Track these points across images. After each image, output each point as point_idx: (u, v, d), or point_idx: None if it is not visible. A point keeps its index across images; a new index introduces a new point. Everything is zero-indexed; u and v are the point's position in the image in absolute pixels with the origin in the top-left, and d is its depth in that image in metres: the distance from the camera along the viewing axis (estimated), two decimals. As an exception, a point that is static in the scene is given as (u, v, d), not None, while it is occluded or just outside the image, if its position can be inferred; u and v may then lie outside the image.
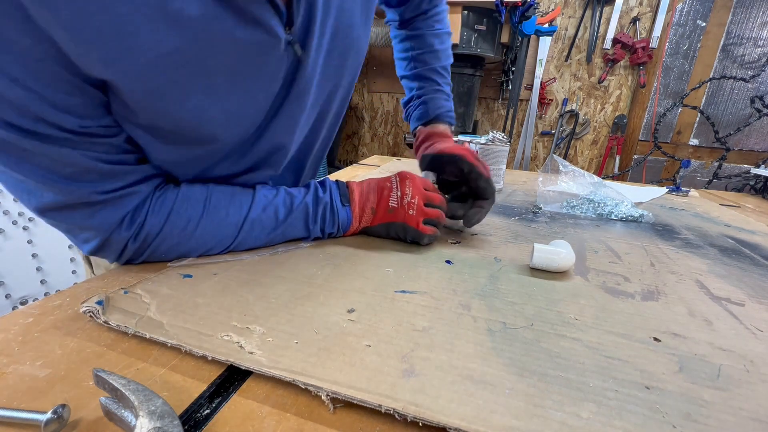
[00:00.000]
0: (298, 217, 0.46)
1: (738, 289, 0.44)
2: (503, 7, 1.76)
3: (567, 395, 0.25)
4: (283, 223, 0.45)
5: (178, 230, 0.40)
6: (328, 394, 0.24)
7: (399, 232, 0.49)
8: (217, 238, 0.42)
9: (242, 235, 0.43)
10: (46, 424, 0.21)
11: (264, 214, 0.44)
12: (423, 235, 0.48)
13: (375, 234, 0.51)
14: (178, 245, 0.41)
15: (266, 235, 0.45)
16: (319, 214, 0.47)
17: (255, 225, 0.44)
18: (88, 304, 0.31)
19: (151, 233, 0.39)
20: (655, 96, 2.11)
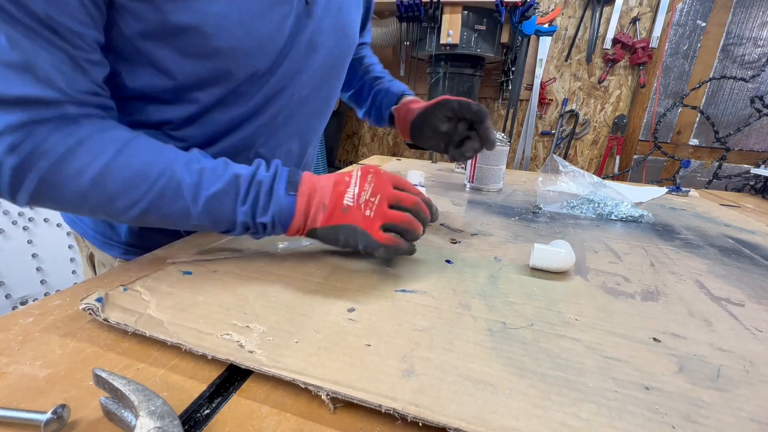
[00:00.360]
0: (227, 191, 0.37)
1: (738, 289, 0.44)
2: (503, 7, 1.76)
3: (567, 395, 0.25)
4: (207, 193, 0.36)
5: (80, 159, 0.33)
6: (328, 393, 0.24)
7: (350, 237, 0.38)
8: (124, 184, 0.35)
9: (155, 190, 0.35)
10: (46, 424, 0.21)
11: (187, 172, 0.36)
12: (377, 245, 0.38)
13: (323, 239, 0.40)
14: (73, 179, 0.33)
15: (183, 202, 0.36)
16: (251, 195, 0.37)
17: (172, 183, 0.36)
18: (88, 301, 0.31)
19: (41, 151, 0.32)
20: (655, 96, 2.11)
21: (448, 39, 1.84)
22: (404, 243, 0.39)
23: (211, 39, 0.38)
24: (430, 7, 1.82)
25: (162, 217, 0.37)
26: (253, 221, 0.38)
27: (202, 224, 0.38)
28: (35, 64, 0.31)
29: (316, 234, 0.40)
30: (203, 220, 0.37)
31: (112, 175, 0.34)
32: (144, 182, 0.35)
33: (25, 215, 1.35)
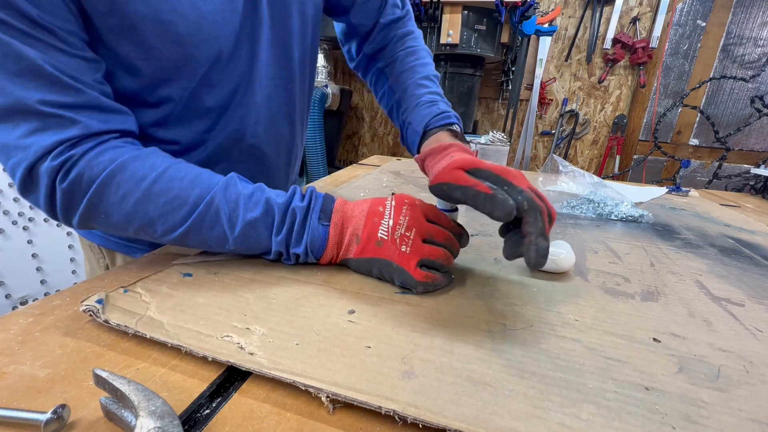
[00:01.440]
0: (262, 220, 0.38)
1: (738, 289, 0.44)
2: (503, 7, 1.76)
3: (566, 396, 0.25)
4: (243, 221, 0.37)
5: (124, 185, 0.35)
6: (328, 395, 0.24)
7: (385, 272, 0.38)
8: (167, 209, 0.36)
9: (194, 217, 0.36)
10: (46, 424, 0.21)
11: (224, 199, 0.37)
12: (417, 282, 0.36)
13: (357, 270, 0.40)
14: (118, 204, 0.35)
15: (221, 229, 0.37)
16: (285, 224, 0.38)
17: (211, 210, 0.37)
18: (88, 302, 0.31)
19: (86, 177, 0.34)
20: (655, 96, 2.11)
21: (448, 39, 1.84)
22: (441, 278, 0.37)
23: (168, 26, 0.38)
24: (430, 7, 1.82)
25: (200, 242, 0.39)
26: (287, 251, 0.39)
27: (237, 249, 0.39)
28: (58, 69, 0.33)
29: (349, 264, 0.41)
30: (239, 246, 0.39)
31: (152, 201, 0.36)
32: (183, 208, 0.36)
33: (25, 215, 1.35)
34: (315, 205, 0.39)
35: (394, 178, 0.95)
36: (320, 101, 2.09)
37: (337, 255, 0.40)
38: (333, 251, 0.40)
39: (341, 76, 2.70)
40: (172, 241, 0.38)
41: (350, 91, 2.51)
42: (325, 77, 2.23)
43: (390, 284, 0.38)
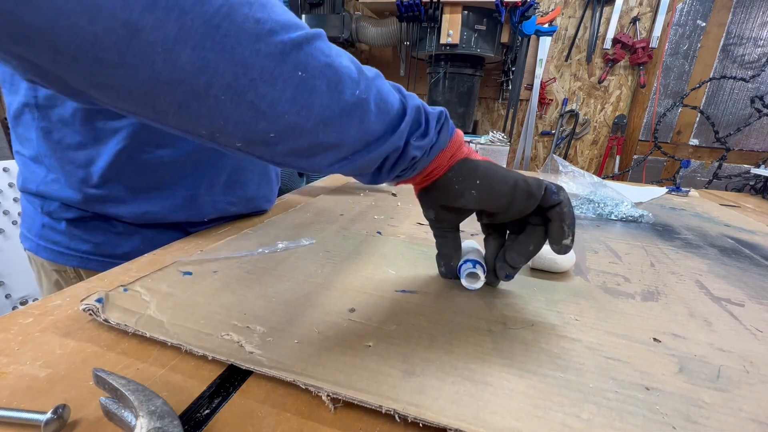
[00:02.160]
0: (389, 87, 0.31)
1: (738, 289, 0.44)
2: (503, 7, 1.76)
3: (567, 396, 0.25)
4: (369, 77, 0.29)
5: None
6: (329, 394, 0.24)
7: (528, 179, 0.33)
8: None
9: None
10: (46, 424, 0.21)
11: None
12: (563, 188, 0.33)
13: (485, 176, 0.33)
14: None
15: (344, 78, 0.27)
16: (418, 104, 0.32)
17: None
18: (88, 302, 0.31)
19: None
20: (655, 96, 2.11)
21: (448, 39, 1.84)
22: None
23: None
24: (430, 7, 1.82)
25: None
26: (425, 108, 0.32)
27: (362, 101, 0.28)
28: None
29: (478, 165, 0.34)
30: (369, 94, 0.28)
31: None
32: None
33: (24, 215, 1.35)
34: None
35: (394, 177, 0.95)
36: (320, 101, 2.08)
37: (463, 149, 0.35)
38: (461, 139, 0.35)
39: (341, 76, 2.70)
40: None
41: (350, 91, 2.50)
42: None
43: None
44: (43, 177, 0.48)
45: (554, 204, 0.33)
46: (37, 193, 0.48)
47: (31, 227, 0.52)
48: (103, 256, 0.50)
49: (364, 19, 2.10)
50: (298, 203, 0.67)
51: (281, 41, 0.23)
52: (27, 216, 0.52)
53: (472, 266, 0.38)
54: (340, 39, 2.07)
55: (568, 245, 0.33)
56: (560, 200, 0.32)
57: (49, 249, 0.51)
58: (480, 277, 0.37)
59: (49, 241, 0.50)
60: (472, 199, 0.34)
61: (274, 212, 0.61)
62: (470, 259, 0.38)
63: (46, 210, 0.49)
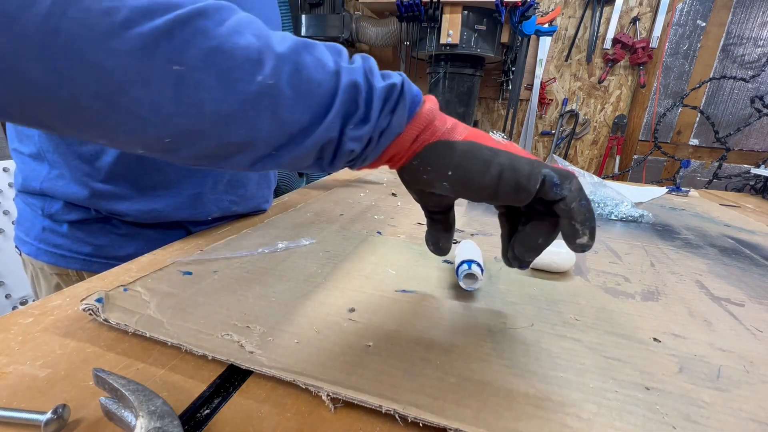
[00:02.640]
0: (325, 48, 0.26)
1: (738, 289, 0.44)
2: (503, 7, 1.76)
3: (567, 396, 0.25)
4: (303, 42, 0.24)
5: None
6: (329, 394, 0.24)
7: (519, 165, 0.25)
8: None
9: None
10: (46, 424, 0.21)
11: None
12: (571, 174, 0.26)
13: (462, 160, 0.26)
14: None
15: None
16: (368, 63, 0.26)
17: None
18: (88, 301, 0.31)
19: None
20: (655, 96, 2.11)
21: (448, 39, 1.84)
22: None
23: None
24: (430, 7, 1.81)
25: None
26: (368, 83, 0.25)
27: (278, 80, 0.23)
28: None
29: (453, 147, 0.26)
30: (282, 76, 0.23)
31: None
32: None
33: (24, 215, 1.35)
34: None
35: (395, 177, 0.95)
36: (320, 101, 2.08)
37: (435, 128, 0.27)
38: (432, 113, 0.27)
39: (341, 76, 2.70)
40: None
41: (350, 91, 2.50)
42: None
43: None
44: (47, 174, 0.47)
45: (557, 199, 0.25)
46: (41, 191, 0.48)
47: (29, 231, 0.51)
48: (106, 258, 0.50)
49: (364, 19, 2.10)
50: (298, 203, 0.67)
51: (141, 33, 0.19)
52: (25, 220, 0.52)
53: (468, 267, 0.37)
54: (340, 39, 2.07)
55: (584, 244, 0.26)
56: (563, 195, 0.25)
57: (50, 252, 0.50)
58: (478, 278, 0.37)
59: (51, 245, 0.50)
60: (446, 189, 0.27)
61: (274, 212, 0.61)
62: (467, 260, 0.38)
63: (48, 212, 0.48)
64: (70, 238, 0.49)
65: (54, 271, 0.51)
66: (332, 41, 0.28)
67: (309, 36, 2.03)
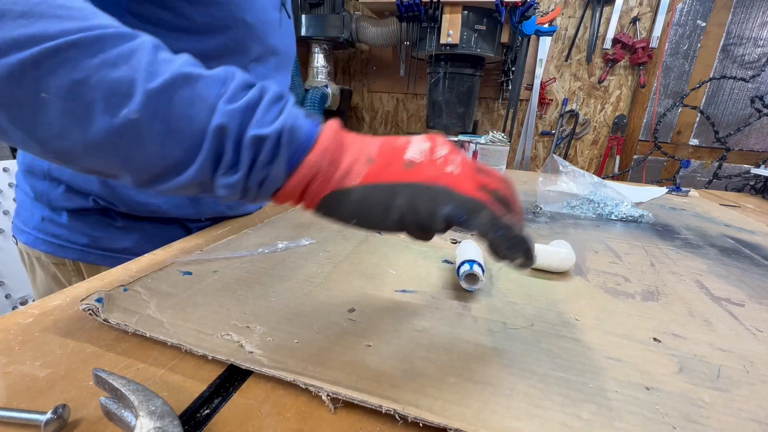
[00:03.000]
0: (213, 80, 0.24)
1: (738, 289, 0.44)
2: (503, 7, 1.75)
3: (567, 396, 0.25)
4: (179, 71, 0.23)
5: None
6: (329, 394, 0.24)
7: (421, 200, 0.24)
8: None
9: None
10: (46, 424, 0.21)
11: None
12: (480, 204, 0.24)
13: (360, 208, 0.25)
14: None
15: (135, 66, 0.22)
16: (250, 95, 0.24)
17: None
18: (88, 301, 0.31)
19: None
20: (655, 96, 2.11)
21: (448, 39, 1.84)
22: (514, 218, 0.25)
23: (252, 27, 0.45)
24: (430, 7, 1.81)
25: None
26: (239, 128, 0.23)
27: (141, 116, 0.22)
28: None
29: (348, 197, 0.24)
30: (149, 109, 0.22)
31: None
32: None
33: (24, 215, 1.35)
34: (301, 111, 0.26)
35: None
36: (320, 101, 2.08)
37: (326, 176, 0.25)
38: (322, 159, 0.24)
39: (341, 76, 2.70)
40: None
41: (350, 91, 2.50)
42: (325, 77, 2.23)
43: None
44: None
45: (472, 233, 0.25)
46: (48, 173, 0.48)
47: (28, 221, 0.52)
48: (103, 250, 0.51)
49: (364, 19, 2.10)
50: (298, 203, 0.67)
51: (9, 63, 0.20)
52: (24, 209, 0.52)
53: (469, 267, 0.37)
54: (340, 39, 2.07)
55: (522, 264, 0.26)
56: (473, 231, 0.24)
57: (48, 242, 0.51)
58: (479, 278, 0.37)
59: (49, 234, 0.51)
60: (364, 230, 0.27)
61: (274, 212, 0.61)
62: (468, 260, 0.38)
63: (48, 197, 0.49)
64: (69, 228, 0.50)
65: (51, 260, 0.52)
66: (332, 41, 0.29)
67: (308, 36, 2.04)
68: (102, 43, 0.22)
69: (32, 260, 0.54)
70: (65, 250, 0.51)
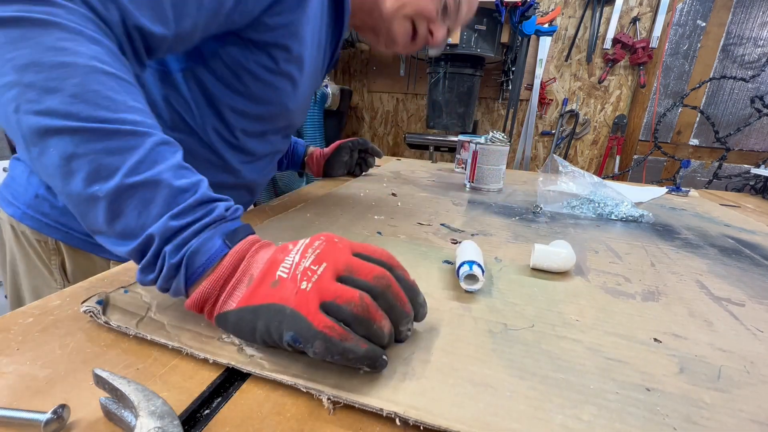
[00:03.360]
0: (173, 193, 0.28)
1: (738, 289, 0.44)
2: (503, 7, 1.76)
3: (568, 397, 0.25)
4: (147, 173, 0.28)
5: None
6: (329, 397, 0.24)
7: (272, 324, 0.25)
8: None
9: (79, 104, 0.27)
10: (46, 424, 0.21)
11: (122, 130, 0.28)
12: (314, 332, 0.24)
13: (238, 331, 0.27)
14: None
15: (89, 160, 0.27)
16: (197, 213, 0.29)
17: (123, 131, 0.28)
18: (89, 303, 0.31)
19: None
20: (655, 96, 2.11)
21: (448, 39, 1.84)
22: (353, 337, 0.24)
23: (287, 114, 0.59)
24: (431, 7, 1.81)
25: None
26: (163, 242, 0.27)
27: (77, 202, 0.28)
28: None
29: (228, 319, 0.27)
30: (101, 204, 0.27)
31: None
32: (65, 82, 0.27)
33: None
34: (232, 218, 0.31)
35: (395, 178, 0.95)
36: (320, 101, 2.08)
37: (216, 300, 0.28)
38: (212, 289, 0.27)
39: (341, 76, 2.70)
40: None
41: (350, 91, 2.50)
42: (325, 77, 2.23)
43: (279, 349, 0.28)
44: None
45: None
46: None
47: (20, 195, 0.54)
48: (87, 235, 0.53)
49: (364, 18, 2.10)
50: (298, 203, 0.67)
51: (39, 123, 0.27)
52: (17, 184, 0.54)
53: (469, 268, 0.37)
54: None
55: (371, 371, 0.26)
56: (312, 355, 0.25)
57: (36, 219, 0.53)
58: (479, 278, 0.37)
59: (39, 212, 0.53)
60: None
61: (274, 212, 0.61)
62: (468, 261, 0.38)
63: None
64: (61, 210, 0.52)
65: (35, 236, 0.55)
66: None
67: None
68: (113, 136, 0.28)
69: (16, 232, 0.56)
70: (51, 230, 0.53)
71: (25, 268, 0.57)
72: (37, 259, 0.56)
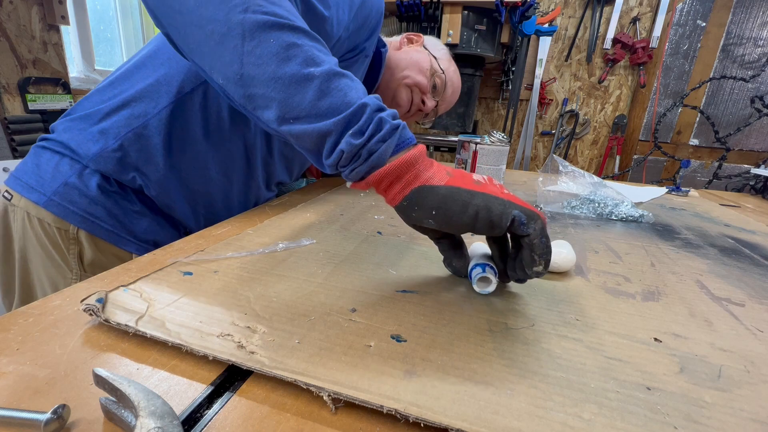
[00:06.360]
0: (355, 85, 0.36)
1: (738, 289, 0.44)
2: (503, 7, 1.76)
3: (568, 396, 0.25)
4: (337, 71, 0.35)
5: None
6: (330, 394, 0.24)
7: (494, 206, 0.32)
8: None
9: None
10: (46, 424, 0.21)
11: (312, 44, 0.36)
12: (536, 215, 0.32)
13: (444, 204, 0.32)
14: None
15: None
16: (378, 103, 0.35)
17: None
18: (88, 302, 0.31)
19: None
20: (655, 96, 2.11)
21: (448, 39, 1.84)
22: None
23: None
24: (430, 7, 1.81)
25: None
26: (375, 109, 0.34)
27: (318, 91, 0.34)
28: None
29: (435, 192, 0.32)
30: (321, 87, 0.34)
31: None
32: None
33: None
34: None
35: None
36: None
37: (418, 172, 0.33)
38: (415, 155, 0.33)
39: (341, 75, 2.70)
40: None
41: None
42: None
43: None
44: (128, 114, 0.54)
45: (524, 235, 0.33)
46: (99, 124, 0.54)
47: (46, 182, 0.54)
48: (112, 226, 0.55)
49: (364, 19, 2.10)
50: (298, 203, 0.67)
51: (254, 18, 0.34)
52: (43, 171, 0.54)
53: (482, 271, 0.37)
54: (340, 39, 2.07)
55: (538, 272, 0.34)
56: (528, 233, 0.32)
57: (62, 206, 0.53)
58: (492, 280, 0.37)
59: (66, 200, 0.53)
60: (432, 225, 0.34)
61: (274, 212, 0.61)
62: (480, 263, 0.38)
63: (92, 153, 0.53)
64: (90, 199, 0.54)
65: (57, 224, 0.54)
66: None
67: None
68: (320, 42, 0.37)
69: (33, 219, 0.54)
70: (76, 218, 0.54)
71: (37, 256, 0.56)
72: (53, 248, 0.55)
